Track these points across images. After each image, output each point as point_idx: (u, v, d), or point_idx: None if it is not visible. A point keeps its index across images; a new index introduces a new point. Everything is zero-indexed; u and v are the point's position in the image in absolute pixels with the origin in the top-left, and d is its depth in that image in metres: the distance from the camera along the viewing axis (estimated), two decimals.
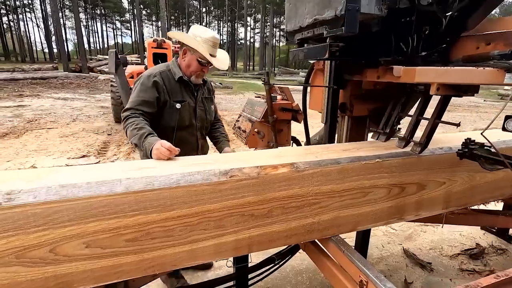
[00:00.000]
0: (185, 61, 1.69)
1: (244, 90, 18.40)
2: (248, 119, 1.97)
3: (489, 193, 1.73)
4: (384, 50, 1.26)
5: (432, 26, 1.24)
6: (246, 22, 42.99)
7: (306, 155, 1.31)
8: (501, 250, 2.41)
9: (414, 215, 1.54)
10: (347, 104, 1.74)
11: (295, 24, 1.41)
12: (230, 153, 1.39)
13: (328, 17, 1.14)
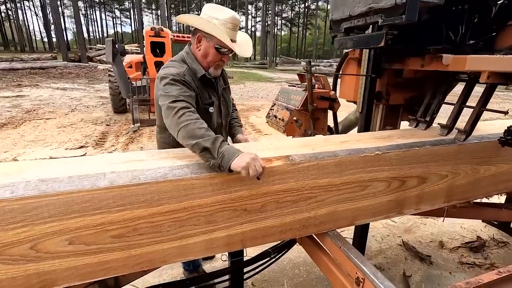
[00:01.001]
0: (200, 50, 1.37)
1: (245, 79, 18.19)
2: (285, 108, 1.93)
3: (493, 186, 1.68)
4: (433, 38, 1.25)
5: (481, 15, 1.23)
6: (247, 10, 42.19)
7: (302, 147, 1.25)
8: (502, 243, 2.38)
9: (414, 209, 1.49)
10: (383, 93, 1.71)
11: (343, 12, 1.36)
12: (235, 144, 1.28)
13: (386, 5, 1.12)
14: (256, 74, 23.05)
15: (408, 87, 1.74)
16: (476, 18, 1.25)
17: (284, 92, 2.06)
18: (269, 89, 13.58)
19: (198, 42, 1.38)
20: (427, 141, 1.40)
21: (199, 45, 1.38)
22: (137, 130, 5.65)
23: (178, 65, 1.37)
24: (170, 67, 1.34)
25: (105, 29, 58.37)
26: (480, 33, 1.28)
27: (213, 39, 1.33)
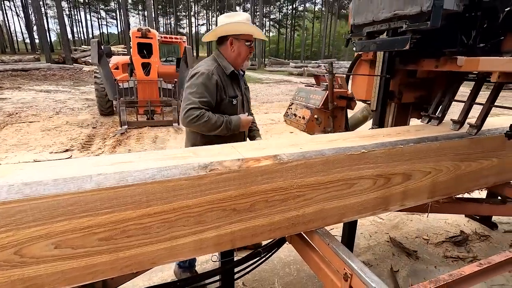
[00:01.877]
0: (234, 51, 1.69)
1: None
2: (304, 107, 2.06)
3: (474, 182, 1.74)
4: (449, 42, 1.41)
5: (490, 20, 1.37)
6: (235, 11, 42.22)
7: (290, 147, 1.27)
8: (484, 236, 2.47)
9: (399, 205, 1.53)
10: (396, 92, 1.85)
11: (366, 18, 1.49)
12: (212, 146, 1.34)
13: (412, 12, 1.25)
14: None
15: (418, 86, 1.87)
16: (486, 23, 1.38)
17: (302, 92, 2.19)
18: (258, 90, 13.63)
19: (230, 45, 1.68)
20: (411, 139, 1.44)
21: (232, 47, 1.68)
22: (125, 133, 5.57)
23: (209, 63, 1.68)
24: (201, 65, 1.66)
25: (90, 30, 57.19)
26: (489, 37, 1.42)
27: (241, 37, 1.66)
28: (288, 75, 25.45)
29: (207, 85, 1.59)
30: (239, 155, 1.14)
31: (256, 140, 1.92)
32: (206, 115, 1.56)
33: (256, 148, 1.25)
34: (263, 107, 9.09)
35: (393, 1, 1.35)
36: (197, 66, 1.70)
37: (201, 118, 1.55)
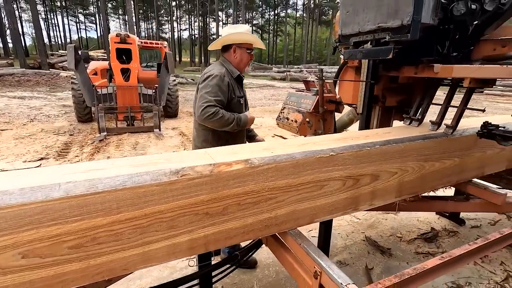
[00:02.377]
0: (237, 58, 1.94)
1: None
2: (296, 111, 2.20)
3: (438, 181, 1.85)
4: (426, 51, 1.58)
5: (461, 32, 1.54)
6: (218, 17, 42.30)
7: (262, 151, 1.31)
8: (452, 232, 2.61)
9: (369, 204, 1.61)
10: (380, 96, 2.00)
11: (353, 29, 1.63)
12: (186, 151, 1.37)
13: (394, 25, 1.40)
14: None
15: (400, 91, 2.05)
16: (457, 35, 1.55)
17: (293, 96, 2.32)
18: None
19: (234, 52, 1.93)
20: (377, 141, 1.52)
21: (235, 54, 1.93)
22: (104, 139, 5.45)
23: (219, 67, 1.90)
24: (213, 69, 1.88)
25: (68, 34, 55.50)
26: (460, 47, 1.60)
27: (243, 46, 1.92)
28: (271, 79, 25.74)
29: (221, 86, 1.80)
30: (211, 160, 1.17)
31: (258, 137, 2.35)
32: (220, 112, 1.76)
33: (229, 152, 1.28)
34: None
35: (377, 15, 1.49)
36: (208, 69, 1.91)
37: (216, 114, 1.74)
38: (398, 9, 1.39)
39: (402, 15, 1.35)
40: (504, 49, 1.56)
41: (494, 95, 14.97)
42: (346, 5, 1.67)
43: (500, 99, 13.48)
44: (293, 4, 52.64)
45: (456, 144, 1.83)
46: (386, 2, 1.44)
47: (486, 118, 1.87)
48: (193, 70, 36.89)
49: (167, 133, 6.21)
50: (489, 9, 1.46)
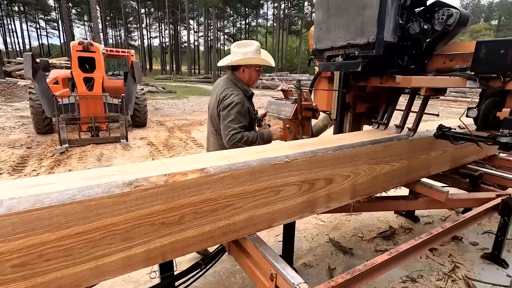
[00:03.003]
0: (246, 76, 2.06)
1: (189, 94, 17.99)
2: (277, 118, 2.39)
3: (389, 182, 2.00)
4: (389, 64, 1.82)
5: (417, 48, 1.81)
6: (189, 25, 42.14)
7: (219, 160, 1.35)
8: (408, 229, 2.80)
9: (325, 207, 1.70)
10: (351, 103, 2.22)
11: (326, 44, 1.86)
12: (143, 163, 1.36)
13: (361, 42, 1.63)
14: (201, 88, 22.96)
15: (368, 99, 2.27)
16: (414, 50, 1.82)
17: (273, 105, 2.52)
18: None
19: (243, 71, 2.05)
20: (330, 147, 1.63)
21: (244, 73, 2.05)
22: (65, 152, 5.17)
23: (236, 91, 2.00)
24: (232, 94, 1.97)
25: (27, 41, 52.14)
26: (417, 60, 1.87)
27: (252, 65, 2.03)
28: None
29: (241, 113, 1.97)
30: (166, 170, 1.19)
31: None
32: (245, 136, 1.94)
33: (186, 162, 1.31)
34: None
35: (347, 33, 1.71)
36: (228, 94, 1.98)
37: (241, 139, 1.94)
38: (364, 28, 1.62)
39: (367, 34, 1.60)
40: (452, 63, 1.84)
41: (448, 100, 16.33)
42: (320, 24, 1.88)
43: (454, 104, 14.68)
44: (263, 14, 53.83)
45: (404, 147, 2.00)
46: (354, 22, 1.66)
47: (440, 122, 2.10)
48: (164, 78, 36.15)
49: (135, 143, 6.04)
50: (438, 29, 1.72)
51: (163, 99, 14.57)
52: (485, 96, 1.67)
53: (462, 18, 1.68)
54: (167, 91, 18.44)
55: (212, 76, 35.06)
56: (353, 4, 1.66)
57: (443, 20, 1.71)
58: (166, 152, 5.43)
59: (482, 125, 1.68)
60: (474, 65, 1.58)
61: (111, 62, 9.54)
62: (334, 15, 1.78)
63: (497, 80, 1.55)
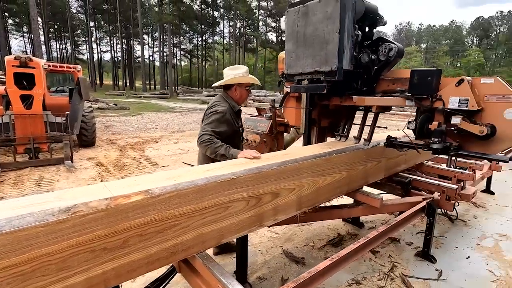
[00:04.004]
0: (237, 94, 2.27)
1: (144, 110, 17.35)
2: (254, 133, 2.68)
3: (331, 192, 2.17)
4: (347, 87, 2.17)
5: (367, 74, 2.21)
6: (143, 40, 41.09)
7: (165, 180, 1.37)
8: (354, 235, 3.02)
9: (273, 220, 1.79)
10: (316, 119, 2.59)
11: (296, 70, 2.21)
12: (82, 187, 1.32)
13: (326, 69, 2.01)
14: (156, 104, 22.29)
15: (330, 115, 2.64)
16: (365, 76, 2.21)
17: (249, 121, 2.82)
18: (169, 119, 13.33)
19: (235, 90, 2.26)
20: (274, 163, 1.74)
21: (236, 92, 2.26)
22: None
23: (223, 103, 2.20)
24: (219, 104, 2.19)
25: None
26: (368, 84, 2.26)
27: (242, 85, 2.26)
28: (201, 103, 25.78)
29: (220, 120, 2.11)
30: (108, 193, 1.18)
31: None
32: (213, 141, 2.02)
33: (130, 184, 1.30)
34: (173, 136, 8.94)
35: (314, 62, 2.07)
36: (214, 103, 2.22)
37: (207, 141, 2.02)
38: (327, 59, 1.99)
39: (330, 64, 1.98)
40: (394, 86, 2.27)
41: (390, 114, 18.17)
42: (291, 53, 2.24)
43: (394, 117, 16.29)
44: (220, 32, 54.83)
45: (343, 159, 2.20)
46: (319, 53, 2.03)
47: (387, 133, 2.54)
48: (117, 94, 34.40)
49: (82, 164, 5.63)
50: (383, 59, 2.17)
51: (114, 116, 13.83)
52: (420, 112, 2.11)
53: (400, 51, 2.13)
54: (120, 108, 17.56)
55: (168, 92, 34.29)
56: (318, 39, 2.02)
57: (385, 52, 2.15)
58: (117, 173, 5.15)
59: (419, 135, 2.12)
60: (410, 88, 2.07)
61: (55, 78, 8.88)
62: (302, 46, 2.13)
63: (427, 100, 2.04)
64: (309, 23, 2.07)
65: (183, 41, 56.59)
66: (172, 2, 36.03)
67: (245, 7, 45.41)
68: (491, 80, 1.89)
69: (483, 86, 1.90)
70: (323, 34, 1.99)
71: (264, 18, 53.55)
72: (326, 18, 1.96)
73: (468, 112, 1.92)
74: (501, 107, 1.83)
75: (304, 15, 2.09)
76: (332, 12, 1.92)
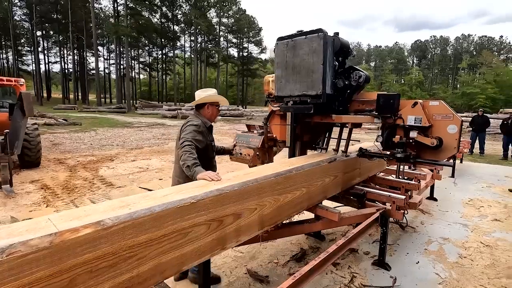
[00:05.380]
0: (209, 112, 2.52)
1: (98, 126, 16.30)
2: (247, 147, 2.95)
3: (292, 209, 2.22)
4: (329, 108, 2.55)
5: (342, 97, 2.63)
6: (97, 52, 39.04)
7: (118, 209, 1.29)
8: (316, 248, 3.10)
9: (235, 241, 1.77)
10: (299, 135, 2.91)
11: (286, 93, 2.60)
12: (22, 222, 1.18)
13: (312, 93, 2.41)
14: (112, 119, 21.11)
15: (310, 131, 3.00)
16: (341, 98, 2.61)
17: (241, 137, 3.12)
18: (126, 135, 12.66)
19: (207, 108, 2.50)
20: (236, 183, 1.74)
21: (208, 109, 2.50)
22: None
23: (196, 120, 2.42)
24: (193, 120, 2.42)
25: None
26: (343, 105, 2.67)
27: (214, 103, 2.52)
28: (162, 118, 25.04)
29: (197, 131, 2.32)
30: (52, 228, 1.08)
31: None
32: (191, 151, 2.15)
33: (78, 216, 1.20)
34: (130, 154, 8.47)
35: (301, 86, 2.46)
36: (189, 120, 2.43)
37: (188, 148, 2.16)
38: (313, 85, 2.39)
39: (316, 88, 2.37)
40: (363, 106, 2.69)
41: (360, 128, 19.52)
42: (280, 78, 2.63)
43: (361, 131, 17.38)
44: (181, 46, 54.31)
45: (302, 176, 2.27)
46: (306, 80, 2.42)
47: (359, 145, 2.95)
48: (67, 108, 31.93)
49: (23, 188, 5.05)
50: (354, 84, 2.57)
51: (64, 133, 12.76)
52: (385, 128, 2.60)
53: (367, 77, 2.55)
54: (70, 123, 16.30)
55: (126, 106, 32.71)
56: (305, 68, 2.42)
57: (356, 79, 2.55)
58: (66, 196, 4.71)
59: (386, 147, 2.62)
60: (377, 109, 2.54)
61: None
62: (291, 73, 2.52)
63: (391, 118, 2.54)
64: (297, 55, 2.46)
65: (142, 54, 54.96)
66: (130, 15, 35.01)
67: (206, 23, 45.81)
68: (436, 103, 2.45)
69: (431, 107, 2.45)
70: (309, 64, 2.39)
71: (225, 34, 54.44)
72: (311, 51, 2.36)
73: (422, 127, 2.43)
74: (445, 124, 2.39)
75: (292, 48, 2.49)
76: (316, 47, 2.33)
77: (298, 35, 2.45)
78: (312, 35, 2.35)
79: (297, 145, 2.94)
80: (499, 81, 51.78)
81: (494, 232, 3.69)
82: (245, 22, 52.11)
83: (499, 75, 52.78)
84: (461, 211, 4.43)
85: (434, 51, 74.51)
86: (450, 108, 2.43)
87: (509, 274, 2.72)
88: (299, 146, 2.96)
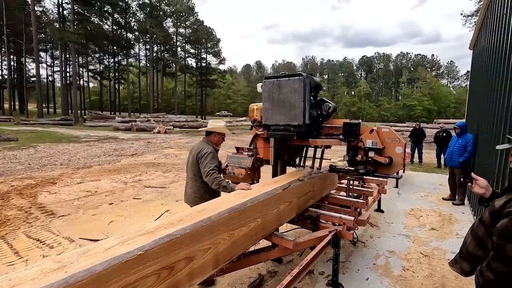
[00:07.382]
0: (216, 139, 3.14)
1: (39, 141, 14.71)
2: (239, 167, 3.35)
3: (248, 241, 2.22)
4: (308, 133, 3.12)
5: (316, 123, 3.17)
6: (38, 58, 35.59)
7: (52, 273, 1.17)
8: (274, 272, 3.13)
9: (188, 285, 1.71)
10: (281, 155, 3.50)
11: (272, 122, 3.20)
12: None
13: (295, 123, 3.03)
14: (56, 133, 19.27)
15: (290, 151, 3.66)
16: (314, 125, 3.16)
17: (232, 158, 3.51)
18: (72, 152, 11.59)
19: (214, 136, 3.14)
20: (187, 226, 1.69)
21: (215, 137, 3.14)
22: None
23: (208, 147, 2.99)
24: (207, 148, 2.99)
25: None
26: (317, 130, 3.22)
27: (221, 134, 3.17)
28: (114, 130, 23.52)
29: (214, 157, 2.92)
30: None
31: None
32: (220, 177, 2.86)
33: None
34: (77, 174, 7.76)
35: (286, 117, 3.08)
36: (202, 148, 2.99)
37: (217, 177, 2.82)
38: (296, 117, 3.01)
39: (298, 119, 3.01)
40: (332, 131, 3.24)
41: None
42: (268, 110, 3.22)
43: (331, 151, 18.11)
44: (135, 54, 52.04)
45: (258, 206, 2.30)
46: (290, 113, 3.04)
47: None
48: (1, 120, 28.35)
49: None
50: (324, 114, 3.13)
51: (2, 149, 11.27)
52: (350, 149, 3.13)
53: (334, 108, 3.11)
54: (4, 139, 14.46)
55: (72, 117, 30.11)
56: (289, 103, 3.04)
57: (326, 109, 3.11)
58: None
59: (351, 164, 3.16)
60: (343, 133, 3.09)
61: None
62: (277, 106, 3.13)
63: (354, 142, 3.08)
64: (282, 92, 3.07)
65: (92, 62, 51.44)
66: (77, 20, 32.70)
67: (163, 32, 44.75)
68: (387, 130, 3.05)
69: (383, 133, 3.03)
70: (292, 100, 3.01)
71: (182, 44, 53.61)
72: (293, 90, 2.99)
73: (377, 149, 2.99)
74: (394, 146, 2.98)
75: (278, 86, 3.09)
76: (297, 87, 2.96)
77: (282, 76, 3.08)
78: (294, 78, 2.99)
79: (279, 164, 3.53)
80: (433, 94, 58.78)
81: (431, 241, 4.09)
82: (202, 33, 51.95)
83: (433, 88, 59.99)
84: (404, 222, 4.85)
85: (379, 66, 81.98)
86: (396, 133, 3.05)
87: (443, 283, 3.03)
88: (280, 164, 3.55)
